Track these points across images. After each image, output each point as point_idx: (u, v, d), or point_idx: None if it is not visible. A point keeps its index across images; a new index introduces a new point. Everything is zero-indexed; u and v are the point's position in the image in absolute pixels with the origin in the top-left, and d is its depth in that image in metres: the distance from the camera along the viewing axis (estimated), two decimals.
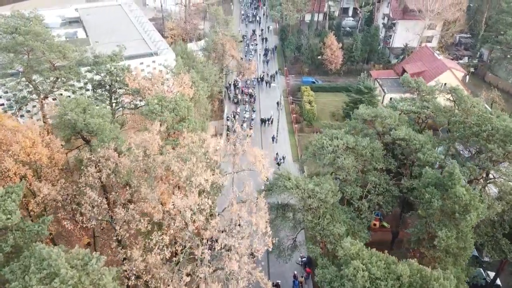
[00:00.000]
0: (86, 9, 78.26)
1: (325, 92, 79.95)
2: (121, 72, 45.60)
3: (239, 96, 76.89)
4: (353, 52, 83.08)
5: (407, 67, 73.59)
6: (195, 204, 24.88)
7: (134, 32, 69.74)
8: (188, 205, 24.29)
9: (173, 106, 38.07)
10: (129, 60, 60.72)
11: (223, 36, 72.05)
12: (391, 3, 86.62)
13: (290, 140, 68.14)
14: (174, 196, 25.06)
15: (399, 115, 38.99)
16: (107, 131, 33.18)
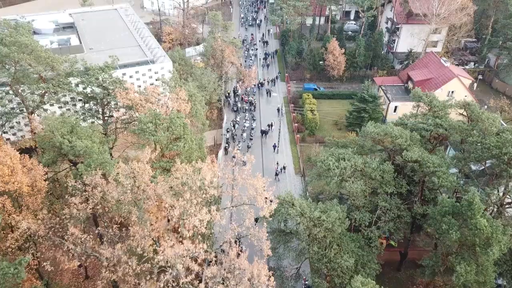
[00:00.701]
0: (80, 14, 75.19)
1: (328, 99, 76.95)
2: (114, 85, 42.51)
3: (239, 104, 73.86)
4: (356, 58, 79.98)
5: (412, 74, 70.57)
6: (188, 252, 21.96)
7: (130, 39, 66.69)
8: (180, 254, 21.37)
9: (168, 124, 35.12)
10: (124, 69, 57.97)
11: (222, 42, 68.98)
12: (395, 7, 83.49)
13: (292, 150, 65.13)
14: (164, 243, 22.10)
15: (411, 133, 35.93)
16: (95, 155, 30.16)
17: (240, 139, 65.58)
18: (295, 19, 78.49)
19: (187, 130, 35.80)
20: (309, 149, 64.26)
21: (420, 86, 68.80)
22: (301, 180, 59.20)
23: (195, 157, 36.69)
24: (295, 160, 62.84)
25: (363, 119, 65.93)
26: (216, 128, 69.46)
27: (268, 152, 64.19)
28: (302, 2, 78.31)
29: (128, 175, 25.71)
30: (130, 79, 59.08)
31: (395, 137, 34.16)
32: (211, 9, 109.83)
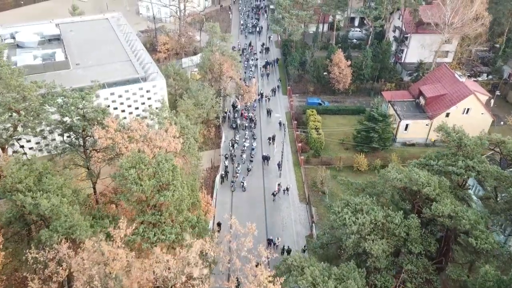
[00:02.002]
0: (69, 24, 69.21)
1: (333, 115, 71.13)
2: (95, 114, 36.68)
3: (238, 120, 68.01)
4: (362, 70, 74.12)
5: (424, 90, 64.72)
6: None
7: (121, 52, 60.77)
8: None
9: (154, 170, 29.31)
10: (112, 88, 52.20)
11: (220, 55, 63.09)
12: (403, 15, 77.53)
13: (296, 173, 59.32)
14: None
15: (439, 177, 30.18)
16: (63, 216, 24.40)
17: (240, 161, 59.81)
18: (298, 29, 72.48)
19: (177, 174, 30.01)
20: (314, 172, 58.58)
21: (433, 103, 63.23)
22: (306, 208, 53.46)
23: (186, 205, 30.94)
24: (299, 185, 57.04)
25: (372, 139, 60.28)
26: (214, 148, 63.68)
27: (271, 175, 58.40)
28: (305, 11, 72.32)
29: (96, 261, 20.11)
30: (119, 99, 53.33)
31: (422, 185, 28.45)
32: (210, 16, 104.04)
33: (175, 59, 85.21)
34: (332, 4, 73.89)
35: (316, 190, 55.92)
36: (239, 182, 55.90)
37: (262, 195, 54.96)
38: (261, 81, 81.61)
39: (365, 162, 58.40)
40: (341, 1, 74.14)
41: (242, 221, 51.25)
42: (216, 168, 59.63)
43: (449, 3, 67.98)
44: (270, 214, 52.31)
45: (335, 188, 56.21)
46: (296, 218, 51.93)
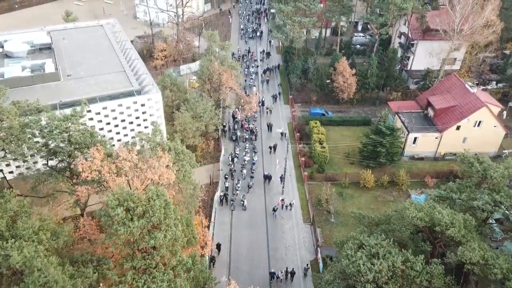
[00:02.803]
0: (62, 32, 65.54)
1: (337, 126, 67.61)
2: (83, 138, 33.17)
3: (238, 132, 64.46)
4: (367, 78, 70.57)
5: (433, 101, 61.13)
6: None
7: (115, 62, 57.15)
8: None
9: (144, 208, 25.82)
10: (104, 102, 48.65)
11: (219, 65, 59.57)
12: (410, 22, 73.90)
13: (299, 189, 55.81)
14: None
15: (463, 215, 26.68)
16: (36, 272, 20.92)
17: (240, 177, 56.31)
18: (301, 36, 68.82)
19: (170, 212, 26.52)
20: (318, 189, 55.13)
21: (442, 115, 59.73)
22: (310, 229, 49.97)
23: (180, 244, 27.46)
24: (302, 203, 53.54)
25: (379, 154, 56.78)
26: (213, 162, 60.17)
27: (272, 192, 54.91)
28: (308, 17, 68.69)
29: None
30: (112, 113, 49.77)
31: (445, 226, 24.98)
32: (209, 20, 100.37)
33: (173, 66, 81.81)
34: (336, 10, 70.19)
35: (321, 209, 52.47)
36: (239, 200, 52.49)
37: (264, 215, 51.53)
38: (261, 87, 78.26)
39: (372, 179, 54.93)
40: (345, 7, 70.45)
41: (242, 244, 48.31)
42: (215, 184, 56.16)
43: (458, 10, 64.35)
44: (272, 236, 48.86)
45: (340, 206, 52.85)
46: (300, 241, 48.46)
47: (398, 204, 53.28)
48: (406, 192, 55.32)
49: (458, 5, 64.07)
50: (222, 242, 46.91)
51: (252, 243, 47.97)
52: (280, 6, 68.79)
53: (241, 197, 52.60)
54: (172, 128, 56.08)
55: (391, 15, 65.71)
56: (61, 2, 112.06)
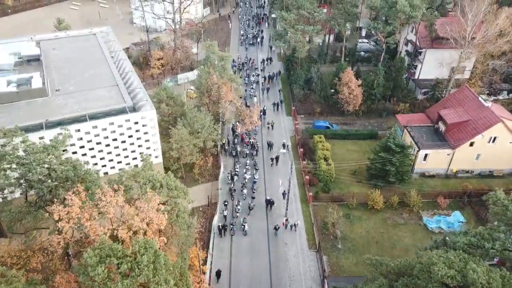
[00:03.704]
0: (52, 41, 61.55)
1: (342, 139, 63.76)
2: (65, 171, 29.28)
3: (238, 147, 60.59)
4: (374, 89, 66.67)
5: (445, 115, 57.24)
6: None
7: (107, 75, 53.23)
8: None
9: (130, 265, 21.95)
10: (94, 121, 44.76)
11: (218, 78, 55.69)
12: (418, 29, 69.94)
13: (303, 211, 51.95)
14: None
15: (499, 271, 22.82)
16: None
17: (240, 197, 52.51)
18: (304, 45, 64.84)
19: (161, 267, 22.67)
20: (324, 210, 51.37)
21: (454, 130, 55.88)
22: (316, 256, 46.12)
23: None
24: (307, 227, 49.68)
25: (388, 172, 52.91)
26: (212, 180, 56.34)
27: (275, 215, 51.06)
28: (312, 26, 64.70)
29: None
30: (103, 132, 45.86)
31: (481, 286, 21.16)
32: (208, 25, 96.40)
33: (170, 74, 78.01)
34: (342, 18, 66.16)
35: (327, 233, 48.67)
36: (240, 224, 48.66)
37: (266, 241, 47.69)
38: (261, 96, 74.54)
39: (381, 200, 51.10)
40: (351, 15, 66.45)
41: (243, 274, 44.49)
42: (213, 205, 52.34)
43: (470, 18, 60.45)
44: (275, 264, 45.08)
45: (348, 230, 49.09)
46: (305, 270, 44.66)
47: (409, 227, 49.95)
48: (417, 214, 51.52)
49: (470, 13, 60.15)
50: (222, 268, 43.33)
51: (254, 272, 44.23)
52: (282, 14, 64.84)
53: (241, 220, 48.75)
54: (167, 145, 52.22)
55: (399, 24, 61.71)
56: (56, 6, 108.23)
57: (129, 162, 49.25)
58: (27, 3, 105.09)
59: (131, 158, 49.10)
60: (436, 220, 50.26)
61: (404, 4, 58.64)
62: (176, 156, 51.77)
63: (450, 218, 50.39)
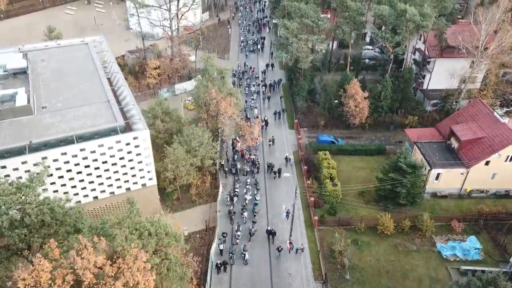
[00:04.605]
0: (41, 52, 57.42)
1: (348, 155, 59.85)
2: (41, 214, 25.35)
3: (238, 164, 56.67)
4: (381, 101, 62.76)
5: (458, 131, 53.33)
6: None
7: (98, 90, 49.13)
8: None
9: None
10: (82, 143, 40.84)
11: (217, 93, 51.78)
12: (427, 38, 65.98)
13: (308, 237, 48.07)
14: None
15: None
16: None
17: (240, 221, 48.64)
18: (308, 56, 60.83)
19: None
20: (330, 235, 47.61)
21: (468, 147, 51.98)
22: None
23: None
24: (313, 255, 45.78)
25: (399, 194, 49.04)
26: (210, 201, 52.46)
27: (277, 241, 47.10)
28: (316, 35, 60.67)
29: None
30: (91, 155, 41.91)
31: None
32: (207, 31, 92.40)
33: (168, 84, 74.13)
34: (347, 27, 62.09)
35: (334, 261, 44.80)
36: (240, 252, 44.77)
37: (268, 271, 43.80)
38: (262, 105, 70.76)
39: (391, 224, 47.22)
40: (357, 23, 62.43)
41: None
42: (211, 230, 48.47)
43: (484, 27, 56.54)
44: None
45: (356, 258, 45.25)
46: None
47: (421, 254, 46.06)
48: (430, 239, 47.73)
49: (484, 22, 56.22)
50: None
51: None
52: (284, 23, 60.83)
53: (241, 248, 44.84)
54: (162, 165, 48.34)
55: (408, 34, 57.73)
56: (51, 11, 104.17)
57: (120, 185, 45.35)
58: (21, 8, 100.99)
59: (123, 181, 45.18)
60: (450, 247, 46.39)
61: (414, 13, 54.69)
62: (172, 177, 47.91)
63: (465, 245, 46.51)
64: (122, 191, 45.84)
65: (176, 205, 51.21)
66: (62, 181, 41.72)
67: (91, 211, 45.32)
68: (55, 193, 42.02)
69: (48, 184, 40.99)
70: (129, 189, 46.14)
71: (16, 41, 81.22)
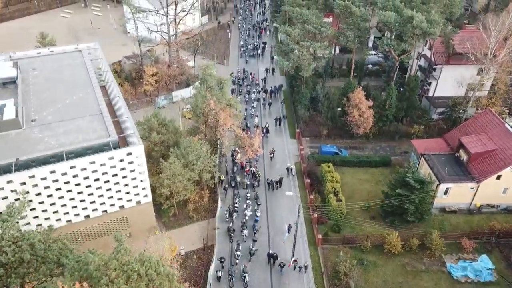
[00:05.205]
0: (33, 59, 54.90)
1: (352, 167, 57.28)
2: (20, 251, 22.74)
3: (238, 177, 54.06)
4: (386, 110, 60.18)
5: (467, 143, 50.73)
6: None
7: (91, 101, 46.52)
8: None
9: None
10: (72, 160, 38.22)
11: (215, 103, 49.17)
12: (433, 45, 63.37)
13: (312, 255, 45.46)
14: None
15: None
16: None
17: (240, 239, 46.03)
18: (310, 64, 58.20)
19: None
20: (335, 254, 45.12)
21: (478, 159, 49.37)
22: None
23: None
24: (316, 277, 43.16)
25: (407, 211, 46.42)
26: (208, 217, 49.86)
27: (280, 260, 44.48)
28: (319, 42, 58.00)
29: None
30: (82, 172, 39.28)
31: None
32: (206, 38, 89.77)
33: (165, 91, 71.55)
34: (351, 33, 59.44)
35: (339, 283, 42.22)
36: (239, 273, 42.17)
37: None
38: (263, 111, 68.25)
39: (399, 243, 44.63)
40: (361, 30, 59.75)
41: None
42: (210, 248, 45.88)
43: (494, 35, 53.95)
44: None
45: (362, 279, 42.63)
46: None
47: (431, 275, 43.47)
48: (439, 258, 45.17)
49: (493, 29, 53.62)
50: None
51: None
52: (286, 29, 58.16)
53: (241, 269, 42.23)
54: (158, 180, 45.75)
55: (415, 41, 55.10)
56: (47, 14, 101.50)
57: (113, 203, 42.77)
58: (16, 11, 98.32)
59: (116, 199, 42.59)
60: (461, 267, 43.84)
61: (421, 19, 52.05)
62: (168, 193, 45.34)
63: (477, 265, 43.94)
64: (115, 209, 43.29)
65: (173, 222, 48.64)
66: (51, 199, 39.10)
67: (82, 231, 42.76)
68: (44, 212, 39.55)
69: (36, 203, 38.57)
70: (123, 206, 43.59)
71: (9, 46, 78.54)
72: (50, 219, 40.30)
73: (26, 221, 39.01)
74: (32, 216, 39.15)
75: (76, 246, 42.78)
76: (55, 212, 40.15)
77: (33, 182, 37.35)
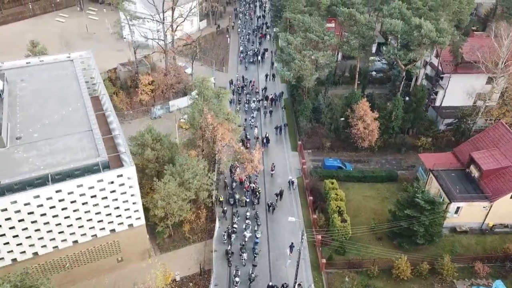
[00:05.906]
0: (21, 70, 51.77)
1: (357, 182, 54.35)
2: None
3: (237, 194, 51.08)
4: (392, 122, 57.19)
5: (478, 159, 47.74)
6: None
7: (81, 117, 43.44)
8: None
9: None
10: (58, 184, 35.27)
11: (213, 118, 46.16)
12: (440, 53, 60.34)
13: (315, 280, 42.49)
14: None
15: None
16: None
17: (239, 264, 43.07)
18: (312, 74, 55.18)
19: None
20: (340, 279, 42.07)
21: (491, 176, 46.39)
22: None
23: None
24: None
25: (416, 233, 43.42)
26: (205, 239, 46.87)
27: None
28: (321, 51, 54.95)
29: None
30: (68, 196, 36.27)
31: None
32: (205, 45, 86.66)
33: (162, 100, 68.58)
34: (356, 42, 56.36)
35: None
36: None
37: None
38: (263, 119, 65.38)
39: (408, 268, 41.65)
40: (366, 38, 56.70)
41: None
42: (207, 273, 42.91)
43: (506, 44, 50.96)
44: None
45: None
46: None
47: None
48: (451, 284, 42.18)
49: (506, 38, 50.64)
50: None
51: None
52: (287, 37, 55.12)
53: None
54: (152, 200, 42.76)
55: (422, 50, 52.08)
56: (41, 19, 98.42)
57: (103, 227, 39.79)
58: (9, 15, 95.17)
59: (106, 223, 39.61)
60: None
61: (430, 28, 49.03)
62: (162, 214, 42.37)
63: None
64: (106, 233, 40.30)
65: (168, 243, 45.67)
66: (36, 226, 36.14)
67: (71, 256, 39.81)
68: (28, 239, 36.60)
69: (19, 230, 35.64)
70: (114, 230, 40.60)
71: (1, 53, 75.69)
72: (35, 245, 37.37)
73: (8, 249, 36.38)
74: (15, 243, 36.27)
75: (64, 272, 40.37)
76: (40, 239, 37.20)
77: (16, 208, 34.38)
